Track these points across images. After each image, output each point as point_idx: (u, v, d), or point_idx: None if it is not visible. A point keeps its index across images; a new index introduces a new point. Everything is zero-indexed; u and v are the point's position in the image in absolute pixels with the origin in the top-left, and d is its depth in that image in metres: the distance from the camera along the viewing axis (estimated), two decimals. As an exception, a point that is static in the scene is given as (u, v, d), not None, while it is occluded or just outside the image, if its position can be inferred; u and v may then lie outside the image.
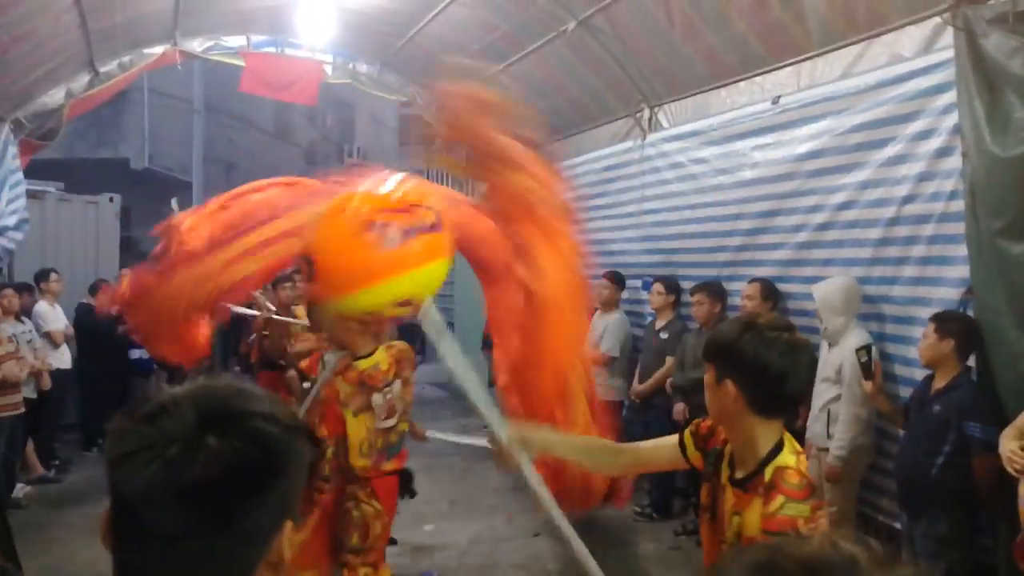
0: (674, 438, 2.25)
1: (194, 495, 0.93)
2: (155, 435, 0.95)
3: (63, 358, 7.56)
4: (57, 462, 7.43)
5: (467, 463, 7.25)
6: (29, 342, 6.97)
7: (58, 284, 7.77)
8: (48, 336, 7.39)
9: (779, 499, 1.81)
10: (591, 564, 2.09)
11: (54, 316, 7.61)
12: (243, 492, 0.96)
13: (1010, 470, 3.22)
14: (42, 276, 7.78)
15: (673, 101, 6.46)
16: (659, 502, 6.07)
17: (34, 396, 6.86)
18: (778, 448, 1.92)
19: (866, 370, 4.11)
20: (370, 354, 3.81)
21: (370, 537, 3.77)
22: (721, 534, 2.00)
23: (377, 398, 3.76)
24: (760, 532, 1.80)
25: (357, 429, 3.73)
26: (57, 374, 7.32)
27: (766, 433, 1.93)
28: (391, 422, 3.82)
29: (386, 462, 3.83)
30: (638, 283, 6.78)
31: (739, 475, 1.96)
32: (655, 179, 6.57)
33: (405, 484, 4.01)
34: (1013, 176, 3.65)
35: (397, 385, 3.83)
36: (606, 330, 6.40)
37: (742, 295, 5.20)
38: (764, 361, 1.87)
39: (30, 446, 7.10)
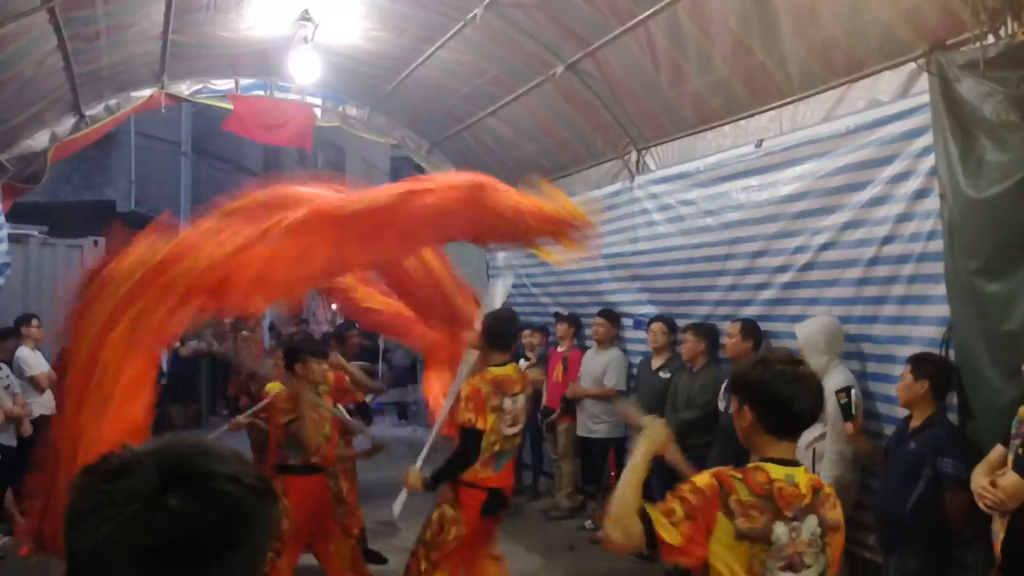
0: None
1: (151, 557, 0.90)
2: (114, 493, 0.92)
3: (47, 404, 7.46)
4: (37, 509, 7.28)
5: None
6: (7, 388, 6.87)
7: (39, 330, 7.67)
8: (32, 381, 7.30)
9: (737, 472, 2.20)
10: None
11: (36, 361, 7.51)
12: (203, 556, 0.92)
13: (981, 506, 3.27)
14: (24, 321, 7.68)
15: (660, 144, 6.54)
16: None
17: (13, 444, 6.76)
18: (781, 462, 2.24)
19: (846, 411, 4.14)
20: (502, 364, 4.16)
21: (439, 535, 3.99)
22: None
23: (508, 403, 4.05)
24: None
25: (493, 425, 3.99)
26: (41, 420, 7.21)
27: (778, 452, 2.25)
28: (513, 430, 4.12)
29: (491, 470, 4.03)
30: (629, 322, 6.84)
31: None
32: (644, 220, 6.63)
33: (493, 505, 4.08)
34: (987, 217, 3.72)
35: (521, 399, 4.16)
36: (609, 365, 6.56)
37: (725, 334, 5.27)
38: (773, 389, 2.22)
39: (9, 495, 6.97)
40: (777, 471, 2.18)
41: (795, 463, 2.25)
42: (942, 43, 4.03)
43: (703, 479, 2.17)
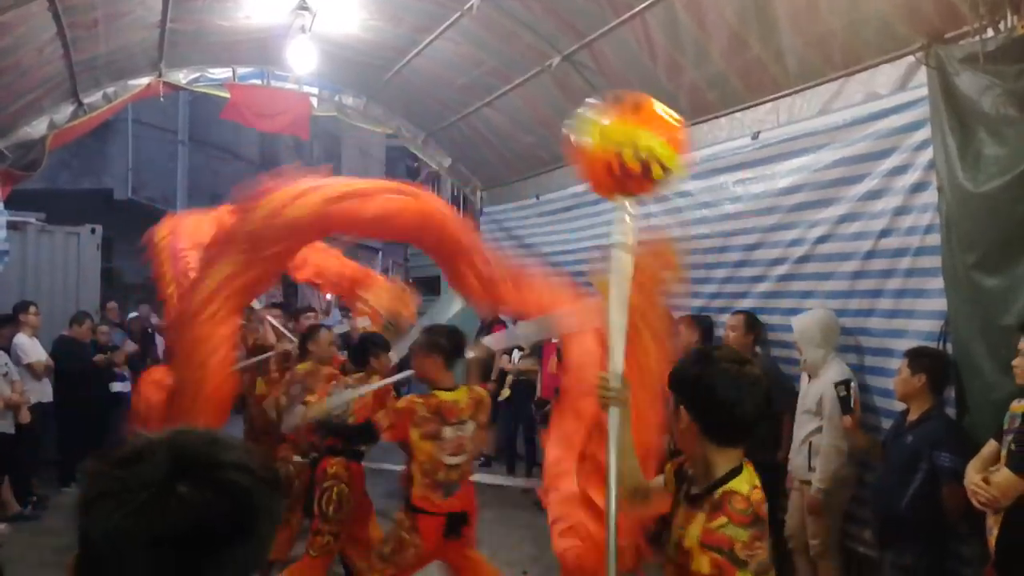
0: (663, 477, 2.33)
1: (162, 545, 0.92)
2: (127, 480, 0.94)
3: (44, 391, 7.47)
4: (34, 499, 7.26)
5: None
6: (5, 375, 6.87)
7: (36, 317, 7.68)
8: (29, 368, 7.31)
9: (722, 519, 1.90)
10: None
11: (34, 348, 7.52)
12: (212, 543, 0.94)
13: (975, 503, 3.28)
14: (21, 308, 7.69)
15: (656, 135, 6.52)
16: (655, 539, 6.04)
17: (11, 431, 6.77)
18: (733, 474, 2.00)
19: (845, 405, 4.15)
20: (451, 389, 3.95)
21: (394, 555, 3.86)
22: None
23: (448, 431, 3.84)
24: (698, 543, 1.89)
25: (419, 453, 3.81)
26: (38, 408, 7.22)
27: (722, 459, 2.01)
28: (456, 459, 3.88)
29: (441, 499, 3.86)
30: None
31: (693, 492, 2.06)
32: (640, 212, 6.61)
33: (453, 527, 3.95)
34: (985, 210, 3.73)
35: (471, 426, 3.94)
36: None
37: (726, 326, 5.26)
38: (712, 391, 1.98)
39: (6, 483, 6.98)
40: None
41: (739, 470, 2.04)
42: (941, 36, 4.04)
43: None
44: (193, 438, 1.01)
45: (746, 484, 1.98)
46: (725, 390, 1.97)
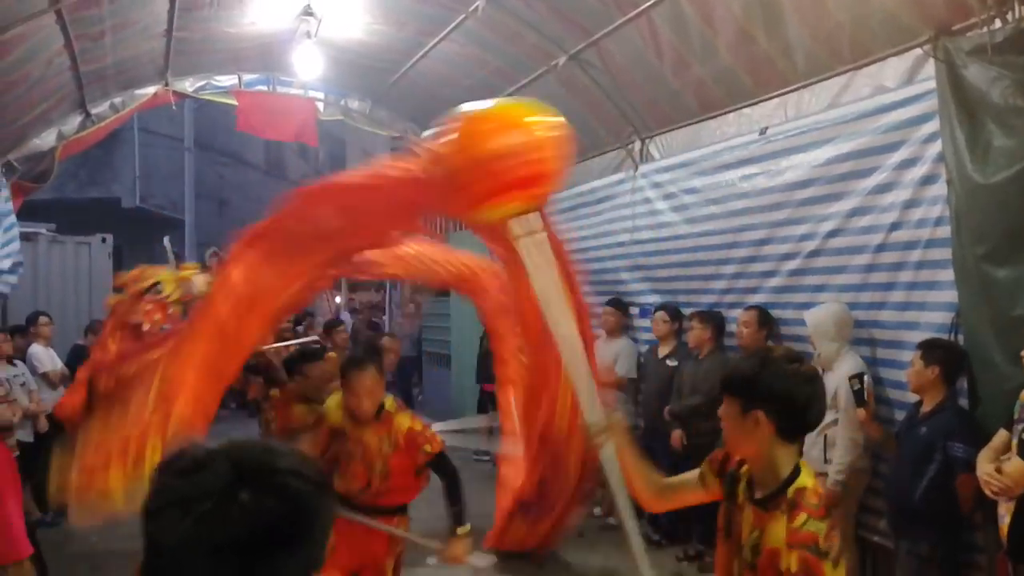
0: (696, 472, 2.38)
1: (225, 550, 0.96)
2: (191, 489, 0.98)
3: (60, 400, 7.52)
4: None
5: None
6: (23, 385, 6.93)
7: (49, 328, 7.73)
8: (44, 378, 7.36)
9: (802, 516, 1.94)
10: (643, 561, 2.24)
11: (48, 358, 7.58)
12: (273, 547, 0.98)
13: (988, 492, 3.31)
14: (32, 320, 7.76)
15: (663, 133, 6.56)
16: (667, 529, 6.09)
17: (30, 440, 6.82)
18: (797, 471, 2.04)
19: (859, 398, 4.16)
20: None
21: None
22: (736, 549, 2.11)
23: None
24: (785, 545, 1.92)
25: None
26: (54, 417, 7.28)
27: (785, 457, 2.06)
28: None
29: None
30: (635, 311, 6.87)
31: (759, 495, 2.07)
32: (647, 209, 6.65)
33: None
34: (994, 202, 3.74)
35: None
36: (620, 354, 6.58)
37: (738, 322, 5.27)
38: (790, 392, 2.02)
39: (26, 491, 7.04)
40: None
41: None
42: (948, 29, 4.04)
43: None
44: (251, 447, 1.06)
45: (810, 478, 2.04)
46: (800, 390, 2.03)
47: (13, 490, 2.13)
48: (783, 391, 2.02)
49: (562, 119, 2.77)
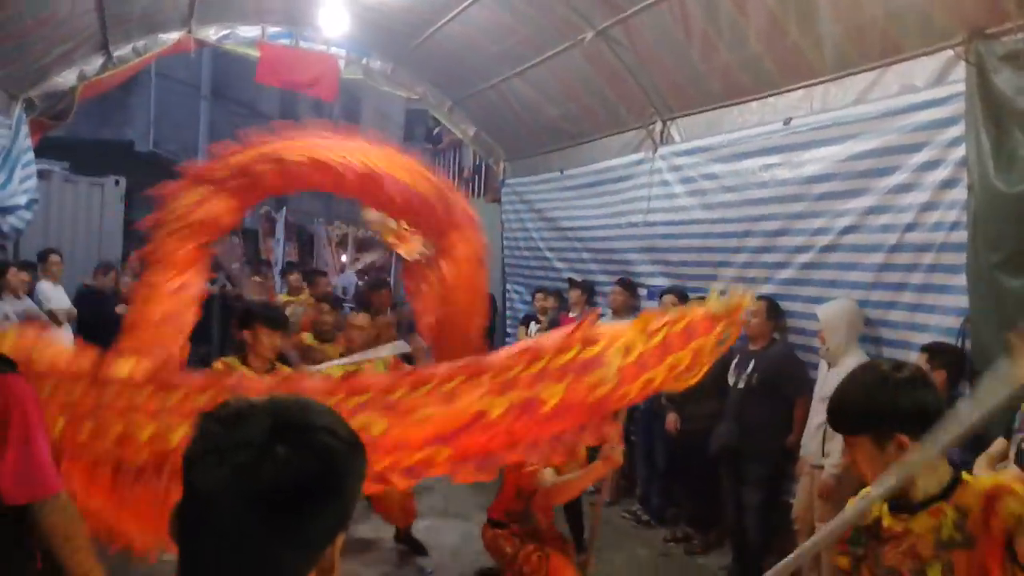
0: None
1: (258, 501, 0.99)
2: (230, 439, 1.02)
3: (65, 338, 7.57)
4: (53, 441, 7.43)
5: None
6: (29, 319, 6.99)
7: (58, 266, 7.79)
8: (51, 315, 7.41)
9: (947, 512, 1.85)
10: None
11: (57, 295, 7.63)
12: (304, 502, 1.01)
13: None
14: (42, 256, 7.80)
15: (686, 116, 6.53)
16: (657, 509, 6.16)
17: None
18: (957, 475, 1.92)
19: None
20: None
21: None
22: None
23: None
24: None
25: None
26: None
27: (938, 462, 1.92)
28: None
29: None
30: (643, 292, 6.89)
31: (915, 500, 1.92)
32: (663, 192, 6.64)
33: None
34: (1014, 212, 3.74)
35: None
36: None
37: (747, 311, 5.27)
38: (920, 403, 1.88)
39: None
40: None
41: None
42: (982, 32, 4.01)
43: None
44: (289, 403, 1.09)
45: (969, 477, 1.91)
46: (926, 396, 1.89)
47: (40, 426, 2.17)
48: (913, 406, 1.86)
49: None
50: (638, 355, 2.73)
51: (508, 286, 9.64)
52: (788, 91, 5.43)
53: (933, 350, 3.96)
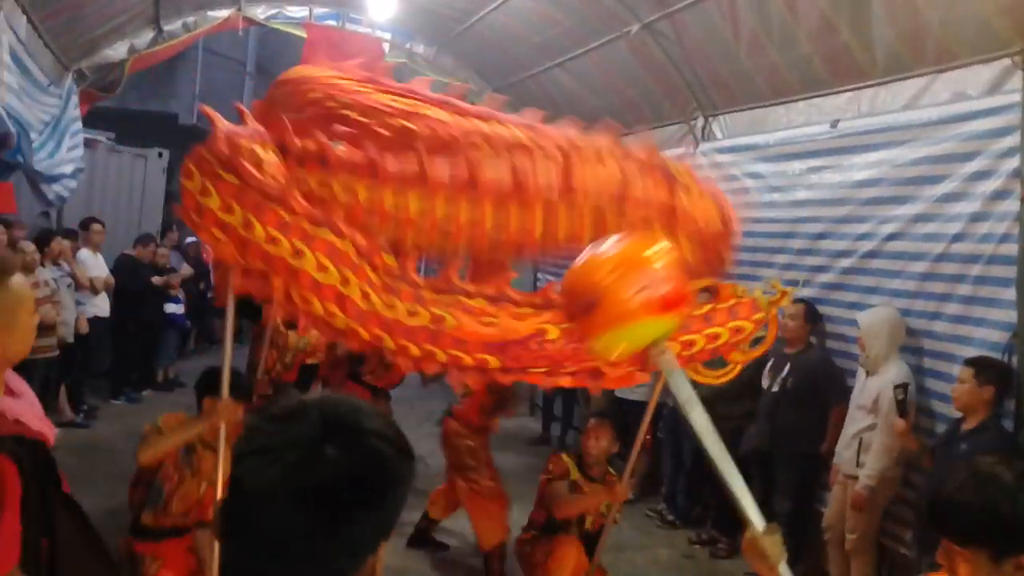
0: None
1: (306, 499, 0.99)
2: (280, 438, 1.02)
3: (102, 306, 7.71)
4: (85, 407, 7.57)
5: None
6: (69, 286, 7.11)
7: (100, 235, 7.90)
8: (90, 283, 7.53)
9: None
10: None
11: (96, 264, 7.75)
12: (351, 504, 1.01)
13: None
14: (84, 225, 7.92)
15: (729, 113, 6.46)
16: (683, 509, 6.13)
17: (71, 340, 7.01)
18: None
19: (901, 408, 4.13)
20: None
21: None
22: None
23: None
24: None
25: None
26: (95, 322, 7.47)
27: None
28: None
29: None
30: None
31: None
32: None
33: None
34: (1068, 226, 3.65)
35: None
36: None
37: (784, 314, 5.19)
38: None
39: (62, 390, 7.26)
40: None
41: None
42: (1042, 41, 3.93)
43: None
44: (340, 404, 1.09)
45: None
46: None
47: (12, 507, 1.96)
48: None
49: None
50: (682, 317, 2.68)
51: (539, 275, 9.61)
52: (836, 93, 5.35)
53: (980, 364, 3.86)
